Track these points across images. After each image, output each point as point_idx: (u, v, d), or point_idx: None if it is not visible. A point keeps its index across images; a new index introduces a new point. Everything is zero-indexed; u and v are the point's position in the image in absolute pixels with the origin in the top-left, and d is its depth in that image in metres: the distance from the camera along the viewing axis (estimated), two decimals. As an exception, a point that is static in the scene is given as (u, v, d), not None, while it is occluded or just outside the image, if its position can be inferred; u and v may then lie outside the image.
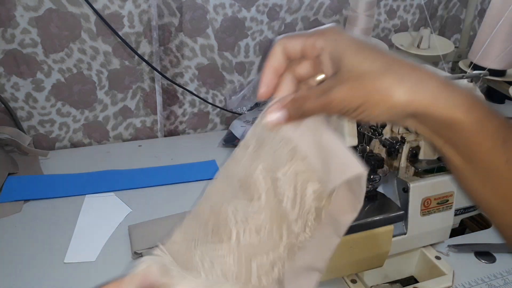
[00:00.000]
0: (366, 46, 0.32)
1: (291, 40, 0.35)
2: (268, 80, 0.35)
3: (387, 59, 0.31)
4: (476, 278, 0.64)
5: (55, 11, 0.82)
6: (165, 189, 0.82)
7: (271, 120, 0.33)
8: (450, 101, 0.29)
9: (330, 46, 0.32)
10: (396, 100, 0.30)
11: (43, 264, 0.64)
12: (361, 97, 0.30)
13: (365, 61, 0.31)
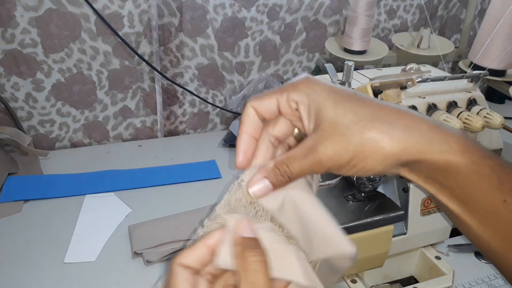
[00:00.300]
0: (345, 95, 0.30)
1: (262, 101, 0.32)
2: (245, 147, 0.33)
3: (370, 107, 0.29)
4: (476, 278, 0.64)
5: (55, 11, 0.82)
6: (165, 189, 0.82)
7: (255, 192, 0.31)
8: (443, 145, 0.28)
9: (306, 99, 0.30)
10: (388, 151, 0.28)
11: (43, 264, 0.64)
12: (350, 152, 0.29)
13: (348, 112, 0.29)
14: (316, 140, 0.30)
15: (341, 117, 0.29)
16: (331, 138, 0.29)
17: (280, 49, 1.03)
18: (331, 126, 0.29)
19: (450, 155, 0.28)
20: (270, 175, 0.31)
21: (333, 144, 0.29)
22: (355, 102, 0.30)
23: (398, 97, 0.58)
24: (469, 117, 0.59)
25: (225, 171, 0.88)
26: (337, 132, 0.29)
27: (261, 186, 0.31)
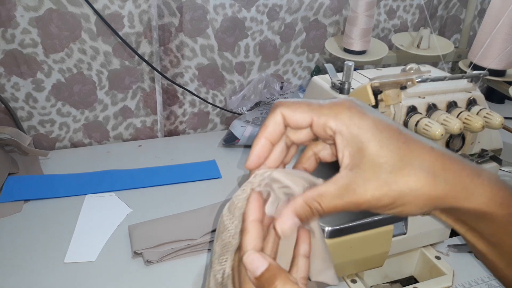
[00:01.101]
0: (391, 135, 0.28)
1: (295, 113, 0.30)
2: (259, 152, 0.32)
3: (415, 151, 0.28)
4: (476, 278, 0.64)
5: (55, 11, 0.82)
6: (165, 189, 0.82)
7: (284, 230, 0.30)
8: (483, 197, 0.28)
9: (347, 133, 0.28)
10: (428, 199, 0.28)
11: (43, 264, 0.64)
12: (391, 197, 0.28)
13: (392, 157, 0.28)
14: (354, 180, 0.28)
15: (384, 161, 0.28)
16: (372, 182, 0.28)
17: (280, 49, 1.03)
18: (372, 169, 0.28)
19: (489, 205, 0.28)
20: (300, 213, 0.30)
21: (374, 188, 0.28)
22: (401, 144, 0.28)
23: (398, 97, 0.58)
24: (469, 117, 0.59)
25: (225, 171, 0.88)
26: (379, 176, 0.28)
27: (290, 224, 0.30)
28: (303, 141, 0.32)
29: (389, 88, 0.56)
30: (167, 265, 0.65)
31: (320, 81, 0.65)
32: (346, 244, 0.55)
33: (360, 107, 0.29)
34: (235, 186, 0.84)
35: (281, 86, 1.02)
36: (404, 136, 0.29)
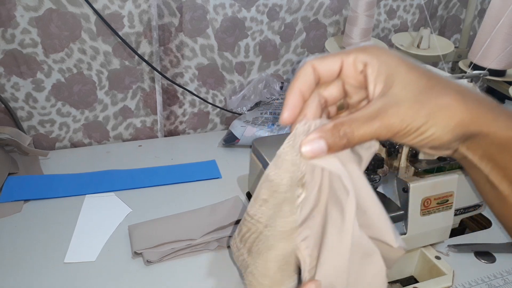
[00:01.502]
0: (416, 63, 0.30)
1: (324, 60, 0.31)
2: (294, 103, 0.31)
3: (441, 77, 0.29)
4: (476, 278, 0.64)
5: (55, 11, 0.82)
6: (165, 189, 0.82)
7: (307, 152, 0.29)
8: (509, 122, 0.28)
9: (377, 62, 0.29)
10: (460, 118, 0.28)
11: (43, 264, 0.64)
12: (423, 116, 0.28)
13: (421, 78, 0.28)
14: (386, 103, 0.28)
15: (415, 82, 0.28)
16: (404, 102, 0.28)
17: (280, 49, 1.03)
18: (404, 90, 0.28)
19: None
20: (328, 136, 0.28)
21: (406, 107, 0.28)
22: (426, 71, 0.29)
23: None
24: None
25: (225, 171, 0.88)
26: (410, 96, 0.28)
27: (315, 146, 0.29)
28: (335, 98, 0.32)
29: (389, 88, 0.56)
30: (167, 265, 0.65)
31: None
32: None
33: (385, 46, 0.31)
34: (235, 186, 0.84)
35: (281, 86, 1.02)
36: (428, 67, 0.30)
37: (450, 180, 0.63)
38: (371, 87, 0.30)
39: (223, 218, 0.71)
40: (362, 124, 0.28)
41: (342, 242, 0.30)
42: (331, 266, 0.31)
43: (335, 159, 0.30)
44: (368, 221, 0.31)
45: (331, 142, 0.28)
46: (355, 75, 0.30)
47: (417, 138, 0.29)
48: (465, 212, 0.71)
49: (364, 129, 0.28)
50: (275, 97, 1.00)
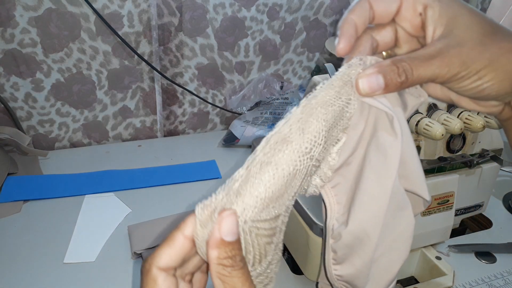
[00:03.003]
0: (477, 10, 0.29)
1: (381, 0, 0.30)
2: (350, 33, 0.29)
3: (502, 26, 0.28)
4: (476, 278, 0.64)
5: (54, 10, 0.82)
6: (165, 189, 0.81)
7: (364, 87, 0.28)
8: None
9: (439, 4, 0.28)
10: None
11: (43, 264, 0.63)
12: (485, 59, 0.27)
13: (485, 22, 0.28)
14: (447, 43, 0.28)
15: (478, 25, 0.28)
16: (467, 43, 0.27)
17: (280, 49, 1.03)
18: (467, 32, 0.27)
19: None
20: (387, 71, 0.27)
21: (469, 48, 0.27)
22: (488, 18, 0.29)
23: (398, 97, 0.57)
24: (469, 117, 0.59)
25: (225, 171, 0.88)
26: (474, 38, 0.27)
27: (373, 81, 0.28)
28: (386, 43, 0.31)
29: (390, 88, 0.56)
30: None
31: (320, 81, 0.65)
32: (346, 245, 0.55)
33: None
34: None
35: (281, 86, 1.02)
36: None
37: (451, 180, 0.62)
38: (431, 29, 0.29)
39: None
40: (422, 62, 0.27)
41: (383, 188, 0.29)
42: (367, 212, 0.30)
43: (386, 100, 0.29)
44: (406, 171, 0.29)
45: (389, 78, 0.28)
46: (412, 17, 0.29)
47: (475, 82, 0.28)
48: (466, 212, 0.70)
49: (424, 67, 0.27)
50: (275, 97, 1.00)
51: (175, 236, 0.27)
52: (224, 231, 0.25)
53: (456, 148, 0.63)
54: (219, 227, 0.25)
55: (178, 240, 0.26)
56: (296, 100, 0.99)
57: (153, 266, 0.26)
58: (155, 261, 0.26)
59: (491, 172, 0.68)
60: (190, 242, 0.27)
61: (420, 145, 0.61)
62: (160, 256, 0.26)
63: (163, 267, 0.26)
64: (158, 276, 0.26)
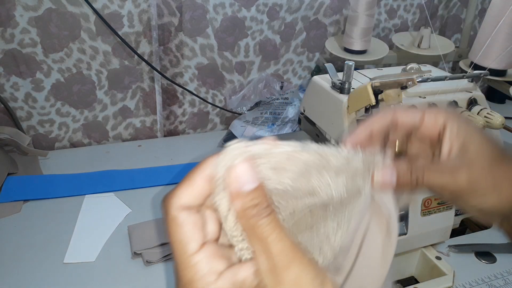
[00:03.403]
0: (487, 134, 0.34)
1: (408, 112, 0.34)
2: (359, 139, 0.34)
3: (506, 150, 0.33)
4: (476, 278, 0.63)
5: (54, 10, 0.82)
6: (165, 189, 0.81)
7: (379, 181, 0.31)
8: None
9: (457, 126, 0.33)
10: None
11: (43, 264, 0.63)
12: (490, 180, 0.32)
13: (494, 150, 0.33)
14: (460, 162, 0.32)
15: (488, 149, 0.32)
16: (476, 165, 0.32)
17: (280, 49, 1.03)
18: (478, 154, 0.32)
19: None
20: (401, 173, 0.31)
21: (477, 169, 0.32)
22: (497, 145, 0.33)
23: (398, 97, 0.57)
24: (469, 117, 0.59)
25: (225, 171, 0.87)
26: (483, 161, 0.32)
27: (387, 178, 0.31)
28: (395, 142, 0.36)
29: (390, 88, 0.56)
30: (166, 265, 0.64)
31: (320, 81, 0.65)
32: (346, 245, 0.55)
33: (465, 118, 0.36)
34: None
35: (281, 86, 1.02)
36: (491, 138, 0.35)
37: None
38: (447, 145, 0.33)
39: (223, 218, 0.71)
40: (434, 173, 0.32)
41: (387, 254, 0.32)
42: (368, 277, 0.32)
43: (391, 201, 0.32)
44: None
45: (402, 179, 0.32)
46: (431, 130, 0.34)
47: (478, 199, 0.32)
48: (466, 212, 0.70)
49: (434, 178, 0.32)
50: (275, 97, 1.00)
51: (194, 176, 0.27)
52: (242, 181, 0.25)
53: (456, 148, 0.63)
54: (236, 177, 0.25)
55: (198, 179, 0.26)
56: (296, 100, 0.99)
57: (171, 205, 0.26)
58: (174, 200, 0.26)
59: (491, 172, 0.68)
60: (209, 182, 0.26)
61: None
62: (179, 195, 0.26)
63: (184, 205, 0.26)
64: (179, 215, 0.26)
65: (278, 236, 0.25)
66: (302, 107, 0.70)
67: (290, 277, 0.24)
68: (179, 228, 0.25)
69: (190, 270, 0.25)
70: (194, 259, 0.25)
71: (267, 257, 0.25)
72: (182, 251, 0.25)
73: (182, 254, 0.25)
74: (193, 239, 0.25)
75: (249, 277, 0.25)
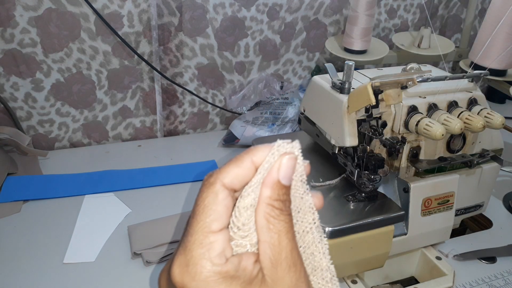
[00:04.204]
0: None
1: None
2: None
3: None
4: (476, 279, 0.63)
5: (54, 10, 0.82)
6: (165, 189, 0.81)
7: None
8: None
9: None
10: None
11: (43, 264, 0.63)
12: None
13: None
14: None
15: None
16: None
17: (280, 49, 1.03)
18: None
19: None
20: None
21: None
22: None
23: (398, 97, 0.57)
24: (469, 117, 0.58)
25: (225, 171, 0.87)
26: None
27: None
28: None
29: (390, 88, 0.56)
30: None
31: (320, 81, 0.65)
32: (346, 245, 0.55)
33: None
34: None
35: (281, 86, 1.02)
36: None
37: (451, 180, 0.62)
38: None
39: (223, 218, 0.71)
40: None
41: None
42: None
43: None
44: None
45: None
46: None
47: None
48: (466, 212, 0.70)
49: None
50: (275, 97, 1.00)
51: (244, 158, 0.27)
52: (282, 173, 0.26)
53: (456, 148, 0.63)
54: (278, 168, 0.26)
55: (246, 162, 0.27)
56: (296, 100, 0.99)
57: (218, 180, 0.26)
58: (222, 176, 0.26)
59: (491, 172, 0.68)
60: (254, 170, 0.27)
61: (420, 145, 0.61)
62: (227, 172, 0.26)
63: (227, 184, 0.26)
64: (221, 191, 0.26)
65: (291, 236, 0.26)
66: (302, 107, 0.70)
67: (292, 278, 0.26)
68: (214, 204, 0.26)
69: (203, 246, 0.25)
70: (213, 237, 0.25)
71: (278, 251, 0.26)
72: (204, 225, 0.25)
73: (203, 228, 0.25)
74: (219, 220, 0.26)
75: (249, 265, 0.26)
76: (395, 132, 0.60)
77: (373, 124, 0.58)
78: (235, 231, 0.27)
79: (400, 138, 0.58)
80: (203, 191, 0.27)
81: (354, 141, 0.57)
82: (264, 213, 0.26)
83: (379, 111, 0.58)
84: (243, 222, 0.27)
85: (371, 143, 0.59)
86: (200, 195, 0.27)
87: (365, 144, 0.58)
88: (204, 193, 0.26)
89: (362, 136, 0.58)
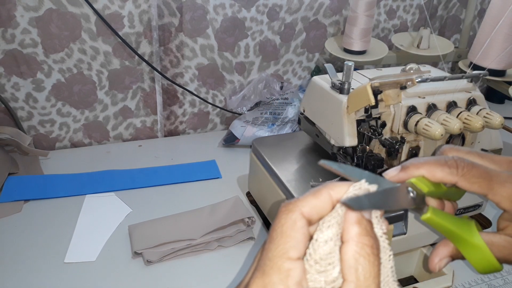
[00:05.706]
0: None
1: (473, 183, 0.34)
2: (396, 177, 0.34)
3: None
4: (476, 278, 0.64)
5: (55, 11, 0.82)
6: (165, 189, 0.82)
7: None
8: None
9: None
10: None
11: (43, 264, 0.64)
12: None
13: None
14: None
15: None
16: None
17: (280, 49, 1.03)
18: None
19: None
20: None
21: None
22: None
23: (398, 97, 0.58)
24: (468, 117, 0.59)
25: (225, 171, 0.88)
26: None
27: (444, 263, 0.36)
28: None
29: (389, 88, 0.56)
30: (167, 265, 0.65)
31: (320, 81, 0.65)
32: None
33: None
34: (235, 186, 0.84)
35: (281, 86, 1.02)
36: None
37: (450, 180, 0.62)
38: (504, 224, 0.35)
39: (223, 218, 0.71)
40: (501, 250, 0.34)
41: None
42: None
43: None
44: None
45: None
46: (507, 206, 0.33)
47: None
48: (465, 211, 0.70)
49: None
50: (275, 97, 1.00)
51: (322, 191, 0.27)
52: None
53: (455, 148, 0.63)
54: None
55: (325, 195, 0.27)
56: (296, 100, 0.99)
57: (297, 208, 0.26)
58: (301, 204, 0.26)
59: (490, 172, 0.68)
60: (331, 204, 0.27)
61: (419, 145, 0.61)
62: (306, 202, 0.26)
63: (305, 213, 0.26)
64: (299, 219, 0.26)
65: (378, 282, 0.25)
66: (302, 107, 0.70)
67: None
68: (292, 231, 0.25)
69: (281, 272, 0.25)
70: (290, 264, 0.25)
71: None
72: (283, 250, 0.25)
73: (281, 254, 0.25)
74: (297, 247, 0.25)
75: None
76: (394, 132, 0.60)
77: (373, 124, 0.59)
78: (312, 264, 0.26)
79: (399, 138, 0.59)
80: (281, 217, 0.26)
81: (354, 141, 0.58)
82: (354, 252, 0.25)
83: (379, 111, 0.58)
84: (320, 256, 0.26)
85: (371, 143, 0.59)
86: (278, 221, 0.26)
87: (365, 144, 0.59)
88: (283, 219, 0.26)
89: (361, 136, 0.58)
